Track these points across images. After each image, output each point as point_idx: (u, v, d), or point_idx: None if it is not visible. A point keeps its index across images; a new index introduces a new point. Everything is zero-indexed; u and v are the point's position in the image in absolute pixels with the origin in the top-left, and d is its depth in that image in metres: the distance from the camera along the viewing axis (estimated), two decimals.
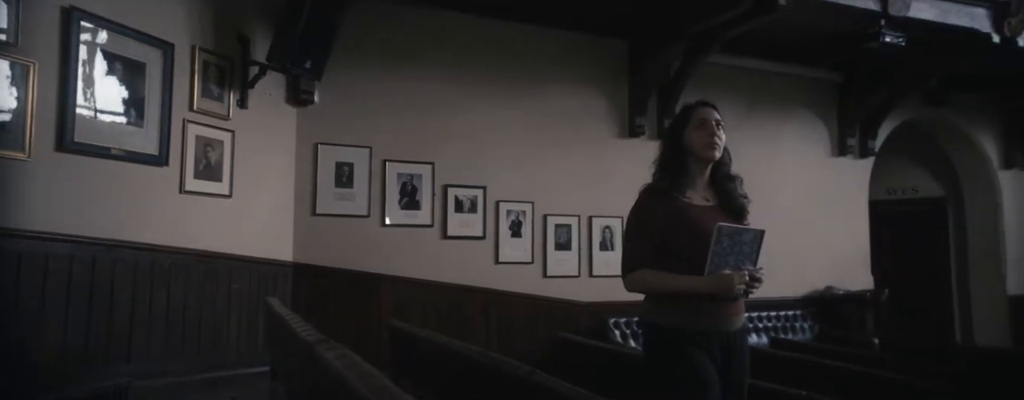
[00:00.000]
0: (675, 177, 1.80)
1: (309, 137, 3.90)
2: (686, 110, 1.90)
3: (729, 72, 4.96)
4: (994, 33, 4.28)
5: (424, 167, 4.17)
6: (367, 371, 1.28)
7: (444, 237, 4.20)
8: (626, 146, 4.73)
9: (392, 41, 4.15)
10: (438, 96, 4.25)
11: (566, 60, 4.61)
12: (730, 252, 1.65)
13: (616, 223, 4.64)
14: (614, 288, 4.60)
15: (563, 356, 3.30)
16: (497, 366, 1.90)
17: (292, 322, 1.92)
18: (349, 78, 3.98)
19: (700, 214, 1.76)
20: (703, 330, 1.69)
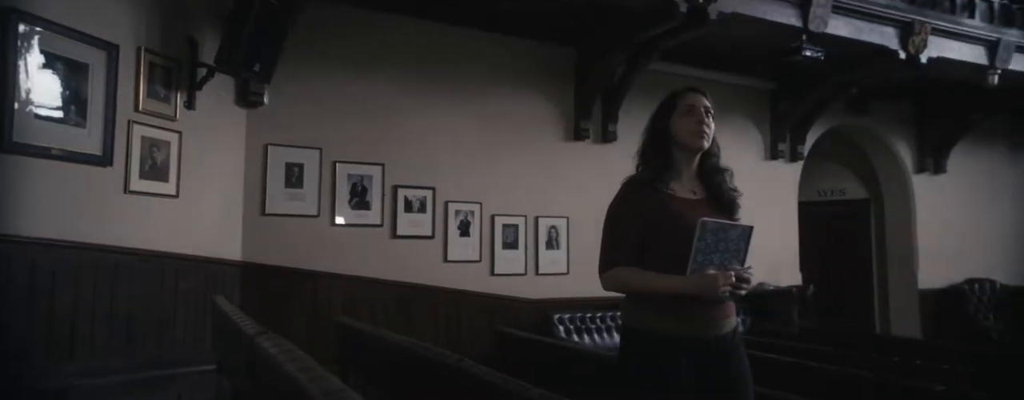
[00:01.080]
0: (659, 168, 1.66)
1: (259, 138, 3.94)
2: (672, 96, 1.74)
3: (670, 79, 5.21)
4: (901, 50, 4.69)
5: (374, 168, 4.27)
6: (307, 362, 1.40)
7: (393, 236, 4.31)
8: (572, 149, 4.94)
9: (343, 44, 4.23)
10: (389, 99, 4.35)
11: (514, 65, 4.78)
12: (715, 249, 1.51)
13: (562, 223, 4.85)
14: (559, 285, 4.85)
15: (505, 350, 3.47)
16: (430, 356, 2.04)
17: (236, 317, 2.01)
18: (300, 80, 4.04)
19: (685, 208, 1.61)
20: (686, 335, 1.54)
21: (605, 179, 5.03)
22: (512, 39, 4.73)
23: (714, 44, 4.74)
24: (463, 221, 4.53)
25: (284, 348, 1.48)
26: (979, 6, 5.03)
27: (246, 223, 3.88)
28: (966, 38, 4.99)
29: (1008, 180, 7.01)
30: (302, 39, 3.92)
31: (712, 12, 3.96)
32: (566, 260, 4.82)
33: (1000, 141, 6.93)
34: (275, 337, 1.60)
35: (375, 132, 4.29)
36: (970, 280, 6.44)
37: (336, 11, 4.15)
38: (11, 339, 2.45)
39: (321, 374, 1.22)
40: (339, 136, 4.19)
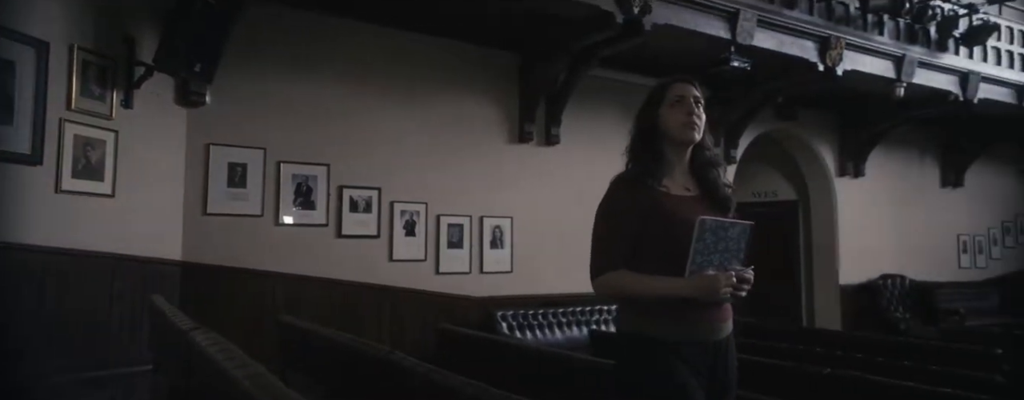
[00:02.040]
0: (650, 164, 1.56)
1: (200, 138, 3.92)
2: (660, 87, 1.64)
3: (612, 84, 5.47)
4: (820, 62, 5.06)
5: (319, 168, 4.31)
6: (240, 356, 1.47)
7: (339, 236, 4.35)
8: (516, 151, 5.09)
9: (289, 46, 4.25)
10: (335, 100, 4.39)
11: (460, 69, 4.90)
12: (714, 249, 1.43)
13: (506, 223, 5.00)
14: (503, 283, 5.00)
15: (447, 347, 3.58)
16: (363, 350, 2.14)
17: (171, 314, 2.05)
18: (243, 80, 4.04)
19: (681, 206, 1.53)
20: (685, 340, 1.46)
21: (549, 181, 5.27)
22: (458, 43, 4.85)
23: (652, 52, 4.98)
24: (409, 221, 4.61)
25: (218, 343, 1.55)
26: (887, 24, 5.48)
27: (187, 223, 3.85)
28: (876, 53, 5.43)
29: (918, 183, 7.61)
30: (246, 39, 3.92)
31: (647, 23, 4.19)
32: (510, 259, 4.97)
33: (912, 147, 7.52)
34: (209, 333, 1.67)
35: (320, 133, 4.33)
36: (884, 276, 6.97)
37: (282, 13, 4.17)
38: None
39: (256, 370, 1.30)
40: (284, 136, 4.20)
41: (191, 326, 1.69)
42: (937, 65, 5.80)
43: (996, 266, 8.09)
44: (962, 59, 5.97)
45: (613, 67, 5.25)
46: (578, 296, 5.11)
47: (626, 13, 4.09)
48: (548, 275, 5.10)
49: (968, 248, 7.88)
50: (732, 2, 4.61)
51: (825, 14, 5.16)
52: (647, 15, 4.17)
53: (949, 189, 7.86)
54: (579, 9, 4.05)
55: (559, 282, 5.12)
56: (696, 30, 4.50)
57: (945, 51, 5.85)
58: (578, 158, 5.31)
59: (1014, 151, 8.21)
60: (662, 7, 4.29)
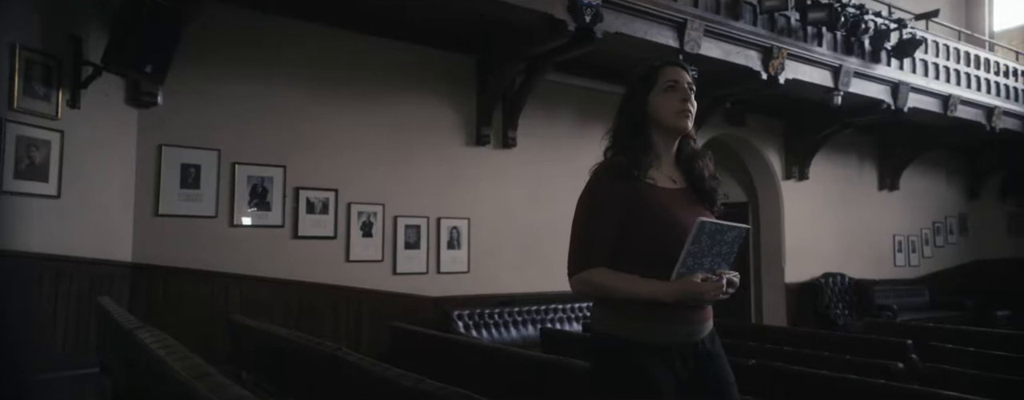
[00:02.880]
0: (639, 153, 1.44)
1: (152, 138, 3.89)
2: (651, 70, 1.53)
3: (566, 89, 5.63)
4: (763, 71, 5.33)
5: (275, 170, 4.32)
6: (184, 353, 1.53)
7: (295, 237, 4.37)
8: (474, 154, 5.19)
9: (245, 47, 4.24)
10: (292, 102, 4.41)
11: (419, 73, 4.97)
12: (707, 252, 1.36)
13: (463, 224, 5.09)
14: (460, 283, 5.08)
15: (400, 345, 3.65)
16: (312, 347, 2.20)
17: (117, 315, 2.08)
18: (198, 81, 4.03)
19: (671, 201, 1.44)
20: (664, 341, 1.39)
21: (505, 183, 5.38)
22: (416, 47, 4.92)
23: (606, 59, 5.16)
24: (366, 222, 4.66)
25: (164, 342, 1.60)
26: (826, 36, 5.81)
27: (138, 224, 3.81)
28: (816, 63, 5.75)
29: (858, 186, 8.05)
30: (201, 40, 3.92)
31: (598, 31, 4.35)
32: (467, 259, 5.07)
33: (852, 152, 7.94)
34: (155, 331, 1.71)
35: (277, 134, 4.34)
36: (826, 274, 7.35)
37: (238, 14, 4.16)
38: None
39: (202, 367, 1.36)
40: (239, 138, 4.20)
41: (136, 325, 1.73)
42: (871, 75, 6.17)
43: (927, 264, 8.61)
44: (893, 70, 6.36)
45: (569, 72, 5.41)
46: (534, 295, 5.25)
47: (578, 21, 4.24)
48: (504, 275, 5.22)
49: (903, 247, 8.37)
50: (680, 12, 4.82)
51: (768, 25, 5.44)
52: (598, 23, 4.33)
53: (886, 192, 8.32)
54: (532, 17, 4.18)
55: (515, 282, 5.25)
56: (646, 39, 4.69)
57: (878, 62, 6.23)
58: (534, 161, 5.45)
59: (943, 157, 8.76)
60: (613, 16, 4.46)
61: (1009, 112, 7.41)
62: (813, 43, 5.73)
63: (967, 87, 7.08)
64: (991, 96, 7.30)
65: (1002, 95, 7.45)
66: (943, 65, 6.88)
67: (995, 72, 7.45)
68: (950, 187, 9.10)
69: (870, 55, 6.15)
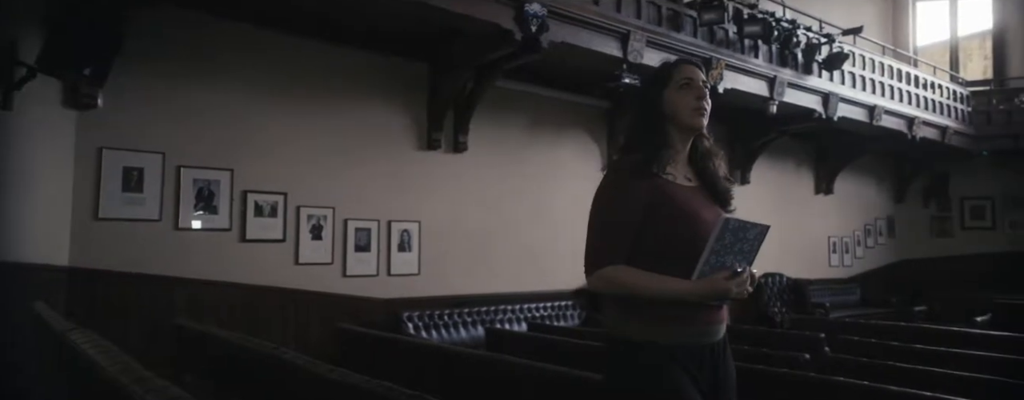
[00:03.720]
0: (655, 149, 1.43)
1: (92, 141, 3.83)
2: (666, 68, 1.54)
3: (517, 95, 5.78)
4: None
5: (222, 173, 4.30)
6: (119, 357, 1.56)
7: (243, 240, 4.37)
8: (425, 158, 5.28)
9: (193, 50, 4.22)
10: (240, 106, 4.40)
11: (370, 78, 5.03)
12: (729, 250, 1.35)
13: (414, 227, 5.17)
14: (410, 285, 5.16)
15: (348, 346, 3.71)
16: (256, 350, 2.26)
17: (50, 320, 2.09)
18: (142, 84, 3.99)
19: (689, 197, 1.45)
20: (682, 343, 1.37)
21: (456, 186, 5.49)
22: (368, 53, 4.97)
23: (555, 67, 5.34)
24: (315, 225, 4.69)
25: (98, 345, 1.64)
26: (762, 48, 6.15)
27: (76, 228, 3.75)
28: (752, 74, 6.08)
29: (795, 190, 8.50)
30: (146, 43, 3.89)
31: (544, 41, 4.51)
32: (418, 261, 5.15)
33: (789, 158, 8.38)
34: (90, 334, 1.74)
35: (224, 137, 4.33)
36: (765, 274, 7.73)
37: (185, 17, 4.14)
38: None
39: (141, 373, 1.39)
40: (185, 141, 4.18)
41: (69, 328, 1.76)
42: (803, 86, 6.57)
43: (859, 264, 9.15)
44: (824, 82, 6.78)
45: (519, 79, 5.57)
46: (485, 296, 5.38)
47: (524, 31, 4.39)
48: (455, 277, 5.32)
49: (837, 248, 8.88)
50: (624, 24, 5.04)
51: (708, 37, 5.73)
52: (545, 33, 4.49)
53: (821, 196, 8.81)
54: (481, 26, 4.32)
55: (467, 283, 5.36)
56: (591, 48, 4.89)
57: (810, 74, 6.63)
58: (485, 165, 5.58)
59: (873, 163, 9.34)
60: (559, 26, 4.63)
61: (928, 122, 7.99)
62: (750, 55, 6.06)
63: (891, 98, 7.60)
64: (912, 107, 7.85)
65: (922, 106, 8.02)
66: (869, 77, 7.37)
67: (916, 85, 8.01)
68: (879, 192, 9.70)
69: (803, 67, 6.54)
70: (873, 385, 2.20)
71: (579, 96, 6.25)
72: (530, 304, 5.54)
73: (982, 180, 9.43)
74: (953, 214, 9.75)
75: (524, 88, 5.79)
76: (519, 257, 5.73)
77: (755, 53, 6.12)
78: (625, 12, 5.08)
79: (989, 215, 9.50)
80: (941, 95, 8.39)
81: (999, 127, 8.75)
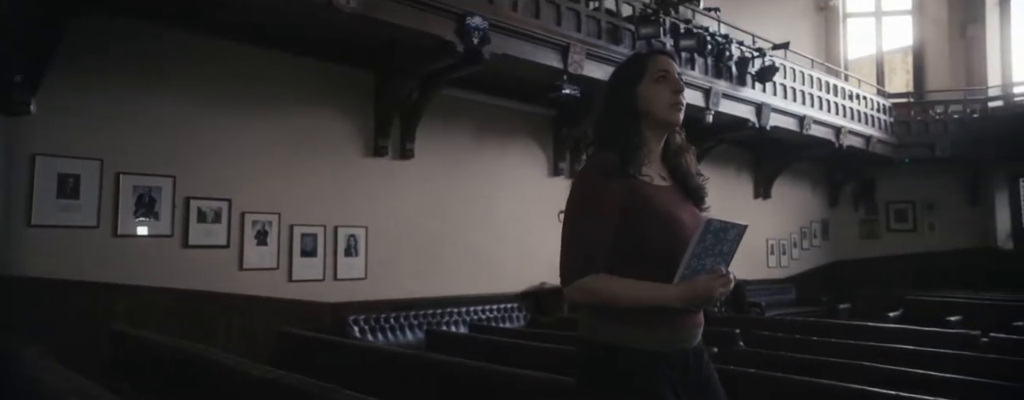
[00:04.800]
0: (630, 148, 1.35)
1: (24, 147, 3.79)
2: (639, 59, 1.46)
3: (463, 103, 5.95)
4: None
5: (164, 179, 4.30)
6: (49, 365, 1.62)
7: (185, 246, 4.37)
8: (372, 164, 5.38)
9: (134, 57, 4.22)
10: (183, 112, 4.41)
11: (317, 86, 5.10)
12: (710, 252, 1.31)
13: (361, 232, 5.25)
14: (357, 289, 5.23)
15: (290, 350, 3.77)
16: (193, 352, 2.33)
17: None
18: (78, 90, 3.97)
19: (666, 198, 1.39)
20: (663, 349, 1.32)
21: (403, 192, 5.59)
22: (314, 61, 5.05)
23: (501, 76, 5.52)
24: (260, 231, 4.72)
25: (31, 352, 1.69)
26: (698, 61, 6.50)
27: (8, 235, 3.70)
28: (689, 85, 6.38)
29: (735, 195, 8.93)
30: (84, 49, 3.89)
31: (486, 53, 4.69)
32: (364, 266, 5.23)
33: (730, 164, 8.81)
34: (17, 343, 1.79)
35: (167, 144, 4.33)
36: None
37: (125, 24, 4.13)
38: None
39: (78, 381, 1.46)
40: (125, 147, 4.16)
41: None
42: (738, 97, 6.95)
43: (795, 265, 9.67)
44: (757, 93, 7.20)
45: (465, 88, 5.73)
46: (431, 299, 5.51)
47: (466, 43, 4.55)
48: (402, 280, 5.42)
49: (774, 250, 9.36)
50: (564, 37, 5.27)
51: (646, 49, 6.01)
52: (486, 45, 4.67)
53: (760, 200, 9.28)
54: (423, 38, 4.46)
55: (413, 287, 5.47)
56: (532, 60, 5.09)
57: (744, 85, 7.03)
58: (433, 171, 5.71)
59: (808, 169, 9.89)
60: (501, 38, 4.82)
61: (854, 131, 8.54)
62: (687, 67, 6.39)
63: (820, 109, 8.10)
64: (839, 117, 8.38)
65: (848, 116, 8.58)
66: (799, 89, 7.85)
67: (842, 96, 8.57)
68: (814, 196, 10.27)
69: (737, 79, 6.93)
70: (767, 374, 2.44)
71: (525, 104, 6.46)
72: (476, 307, 5.69)
73: (904, 185, 10.11)
74: (880, 217, 10.41)
75: (470, 96, 5.96)
76: (466, 261, 5.87)
77: (692, 65, 6.45)
78: (565, 26, 5.31)
79: (911, 218, 10.19)
80: (866, 106, 8.99)
81: (917, 136, 9.42)
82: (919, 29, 10.67)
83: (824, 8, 10.96)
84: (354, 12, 3.97)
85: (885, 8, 11.06)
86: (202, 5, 4.08)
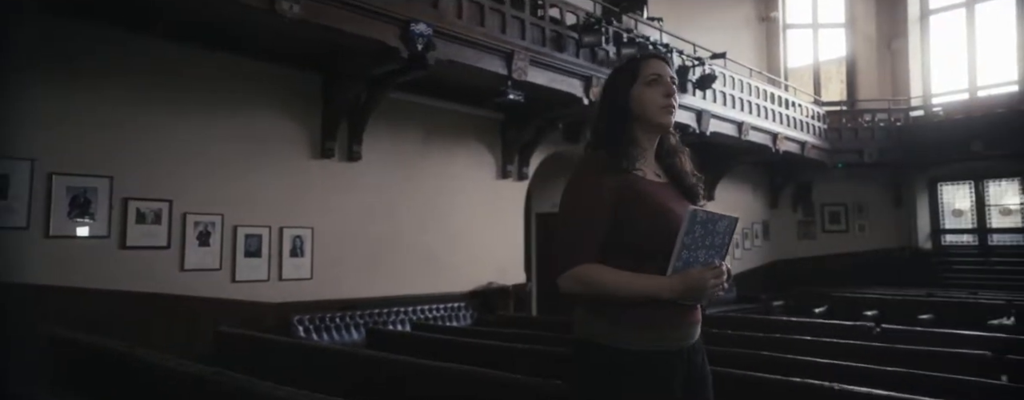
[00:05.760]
0: (625, 146, 1.41)
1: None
2: (633, 63, 1.51)
3: (412, 107, 6.05)
4: (585, 97, 6.13)
5: (101, 180, 4.27)
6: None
7: (123, 247, 4.34)
8: (319, 166, 5.43)
9: (69, 57, 4.16)
10: (123, 113, 4.38)
11: (263, 87, 5.12)
12: (701, 244, 1.32)
13: (307, 233, 5.29)
14: (302, 289, 5.28)
15: (234, 349, 3.82)
16: (130, 353, 2.37)
17: None
18: (8, 89, 3.90)
19: (661, 192, 1.42)
20: (658, 348, 1.32)
21: (351, 194, 5.66)
22: (260, 63, 5.06)
23: (449, 80, 5.66)
24: (203, 231, 4.72)
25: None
26: None
27: None
28: None
29: None
30: (16, 49, 3.82)
31: (430, 59, 4.82)
32: (310, 266, 5.28)
33: None
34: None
35: (104, 144, 4.30)
36: None
37: (64, 25, 4.08)
38: None
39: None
40: (59, 148, 4.11)
41: None
42: (679, 104, 7.26)
43: (738, 265, 10.10)
44: (698, 100, 7.55)
45: (414, 91, 5.84)
46: (379, 299, 5.59)
47: (411, 49, 4.67)
48: (349, 281, 5.49)
49: None
50: (508, 44, 5.44)
51: (589, 57, 6.26)
52: (431, 51, 4.80)
53: (705, 202, 9.64)
54: (367, 43, 4.55)
55: (361, 287, 5.54)
56: (477, 66, 5.24)
57: (685, 93, 7.35)
58: (381, 173, 5.80)
59: (749, 172, 10.37)
60: (445, 45, 4.95)
61: (789, 137, 9.03)
62: None
63: (757, 115, 8.54)
64: (776, 124, 8.85)
65: (784, 123, 9.06)
66: (738, 96, 8.25)
67: (779, 104, 9.04)
68: (755, 198, 10.77)
69: (678, 86, 7.24)
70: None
71: (473, 108, 6.61)
72: (423, 306, 5.80)
73: (838, 189, 10.72)
74: (816, 218, 11.00)
75: (419, 100, 6.07)
76: (414, 261, 5.98)
77: None
78: (510, 33, 5.48)
79: (844, 219, 10.80)
80: (801, 113, 9.50)
81: (848, 143, 10.02)
82: (851, 41, 11.32)
83: (765, 19, 11.51)
84: (297, 17, 4.03)
85: (821, 21, 11.69)
86: (141, 5, 4.08)
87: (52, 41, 4.08)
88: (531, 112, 6.51)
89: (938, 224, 10.38)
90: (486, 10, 5.31)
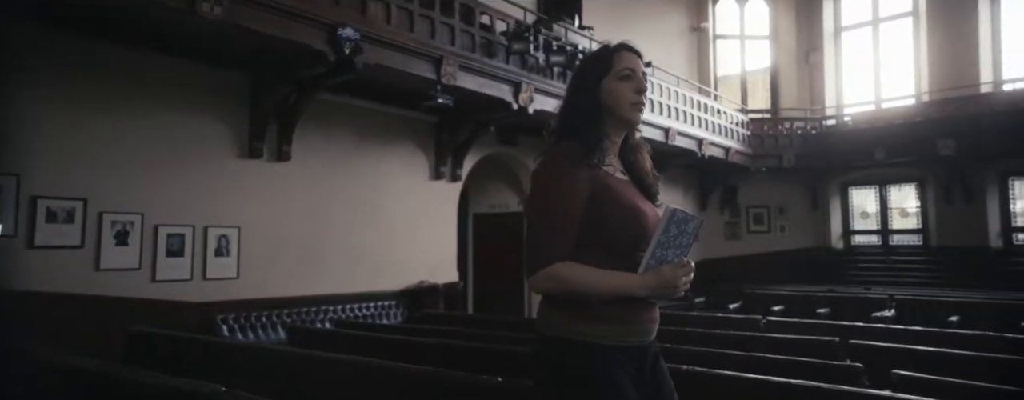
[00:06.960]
0: (595, 141, 1.38)
1: None
2: (606, 53, 1.45)
3: (344, 108, 6.12)
4: (514, 102, 6.36)
5: (7, 178, 4.17)
6: None
7: (30, 247, 4.25)
8: (247, 166, 5.43)
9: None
10: (31, 110, 4.27)
11: (188, 86, 5.08)
12: (672, 243, 1.34)
13: (233, 232, 5.29)
14: (228, 289, 5.27)
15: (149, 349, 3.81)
16: (33, 355, 2.39)
17: None
18: None
19: (628, 190, 1.41)
20: (622, 344, 1.33)
21: (279, 193, 5.69)
22: (184, 61, 5.02)
23: (381, 83, 5.75)
24: (121, 231, 4.66)
25: None
26: (568, 74, 7.07)
27: None
28: (558, 96, 6.96)
29: None
30: None
31: (358, 63, 4.92)
32: (236, 265, 5.28)
33: None
34: None
35: (9, 142, 4.19)
36: None
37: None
38: None
39: None
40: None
41: None
42: None
43: None
44: None
45: (345, 93, 5.91)
46: (308, 298, 5.64)
47: (338, 53, 4.75)
48: (277, 280, 5.52)
49: None
50: (438, 49, 5.59)
51: (519, 63, 6.49)
52: (359, 55, 4.90)
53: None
54: (293, 46, 4.61)
55: (290, 286, 5.58)
56: (406, 70, 5.37)
57: None
58: (311, 173, 5.84)
59: (681, 175, 10.88)
60: (373, 49, 5.06)
61: (714, 143, 9.56)
62: (558, 80, 6.93)
63: (684, 122, 9.00)
64: (701, 130, 9.35)
65: (709, 129, 9.58)
66: (666, 104, 8.68)
67: (705, 111, 9.56)
68: (686, 200, 11.30)
69: None
70: None
71: (406, 110, 6.72)
72: (353, 304, 5.89)
73: (761, 191, 11.39)
74: (741, 220, 11.65)
75: (351, 101, 6.15)
76: (345, 260, 6.05)
77: (563, 79, 7.00)
78: (439, 39, 5.64)
79: (767, 220, 11.50)
80: (726, 120, 10.06)
81: (770, 148, 10.68)
82: (775, 53, 12.05)
83: (697, 29, 12.09)
84: (218, 19, 4.06)
85: (748, 32, 12.38)
86: (58, 1, 4.01)
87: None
88: (464, 115, 6.69)
89: (849, 225, 11.21)
90: (415, 16, 5.45)
